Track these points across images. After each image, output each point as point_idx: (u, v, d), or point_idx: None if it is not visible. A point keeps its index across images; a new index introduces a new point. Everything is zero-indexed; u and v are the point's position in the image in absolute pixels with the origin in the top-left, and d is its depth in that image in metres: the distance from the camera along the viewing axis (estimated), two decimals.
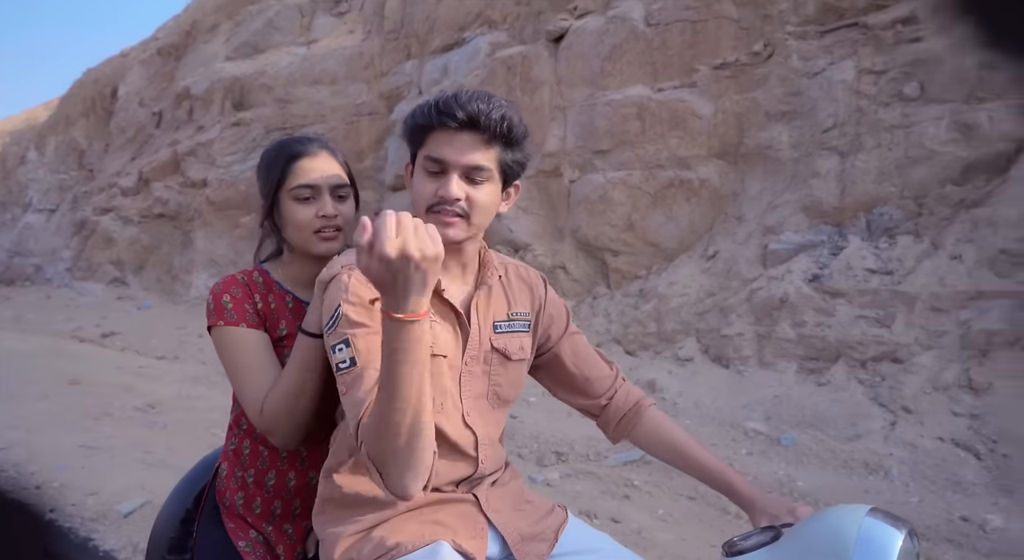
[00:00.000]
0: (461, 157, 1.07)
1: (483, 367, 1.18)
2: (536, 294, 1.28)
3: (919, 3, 5.18)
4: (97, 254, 13.38)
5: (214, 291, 1.28)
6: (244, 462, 1.28)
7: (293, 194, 1.28)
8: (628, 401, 1.31)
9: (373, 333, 0.99)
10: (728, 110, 5.92)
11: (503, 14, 7.88)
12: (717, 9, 6.05)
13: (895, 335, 4.14)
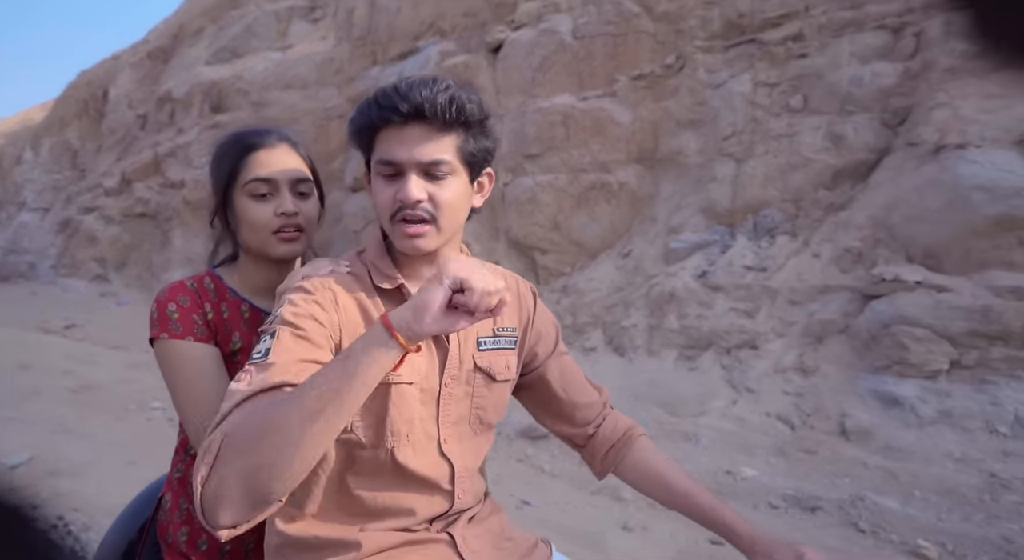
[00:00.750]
0: (414, 153, 0.95)
1: (465, 388, 1.06)
2: (524, 307, 1.17)
3: (807, 22, 5.67)
4: (81, 252, 13.97)
5: (159, 299, 1.13)
6: (190, 491, 1.11)
7: (248, 189, 1.14)
8: (616, 431, 1.20)
9: (304, 338, 0.90)
10: (644, 118, 6.43)
11: (452, 24, 8.41)
12: (636, 24, 6.55)
13: (756, 325, 4.63)
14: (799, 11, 5.76)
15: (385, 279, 1.03)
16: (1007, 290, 3.65)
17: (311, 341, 0.91)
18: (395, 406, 0.98)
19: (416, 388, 1.00)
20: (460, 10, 8.37)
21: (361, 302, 1.00)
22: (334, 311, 0.96)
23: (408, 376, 0.99)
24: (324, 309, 0.95)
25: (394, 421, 0.98)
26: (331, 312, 0.96)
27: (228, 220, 1.20)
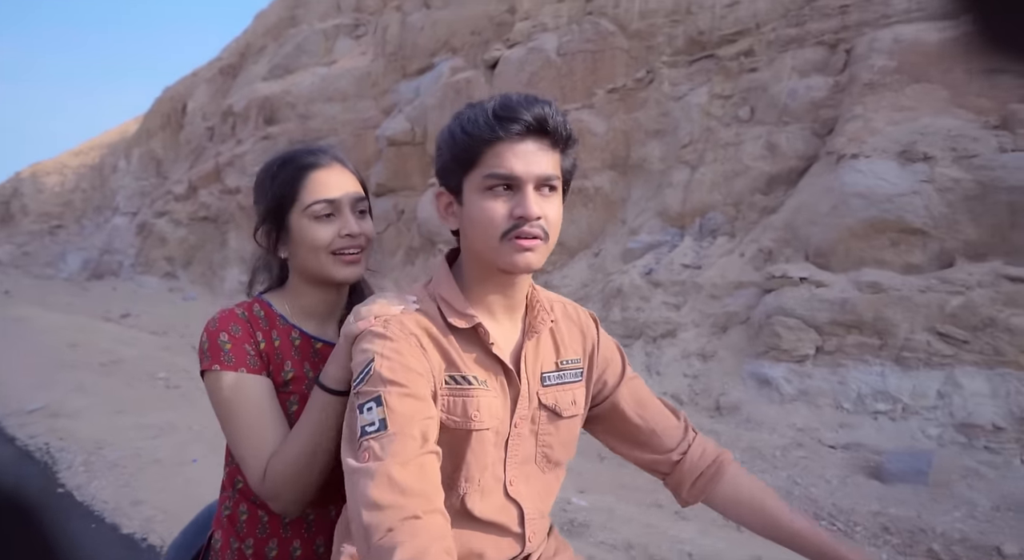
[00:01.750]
0: (531, 167, 0.93)
1: (530, 427, 1.03)
2: (588, 336, 1.12)
3: (758, 38, 6.15)
4: (154, 251, 15.54)
5: (208, 328, 1.11)
6: (240, 531, 1.13)
7: (310, 212, 1.11)
8: (705, 457, 1.14)
9: (410, 396, 0.88)
10: (618, 128, 7.02)
11: (462, 42, 9.21)
12: (612, 41, 7.16)
13: (680, 317, 5.18)
14: (751, 28, 6.24)
15: (459, 317, 0.98)
16: (866, 285, 4.10)
17: (418, 397, 0.88)
18: (473, 453, 0.96)
19: (492, 432, 0.98)
20: (468, 29, 9.15)
21: (440, 344, 0.96)
22: (423, 357, 0.93)
23: (488, 421, 0.96)
24: (415, 357, 0.92)
25: (470, 468, 0.96)
26: (422, 358, 0.93)
27: (276, 243, 1.15)
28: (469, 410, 0.95)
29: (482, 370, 0.98)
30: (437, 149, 1.00)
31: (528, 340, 1.03)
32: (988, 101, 4.66)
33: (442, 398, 0.94)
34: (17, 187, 25.82)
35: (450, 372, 0.96)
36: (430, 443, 0.86)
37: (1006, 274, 3.86)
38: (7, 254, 22.90)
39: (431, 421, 0.88)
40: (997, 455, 3.37)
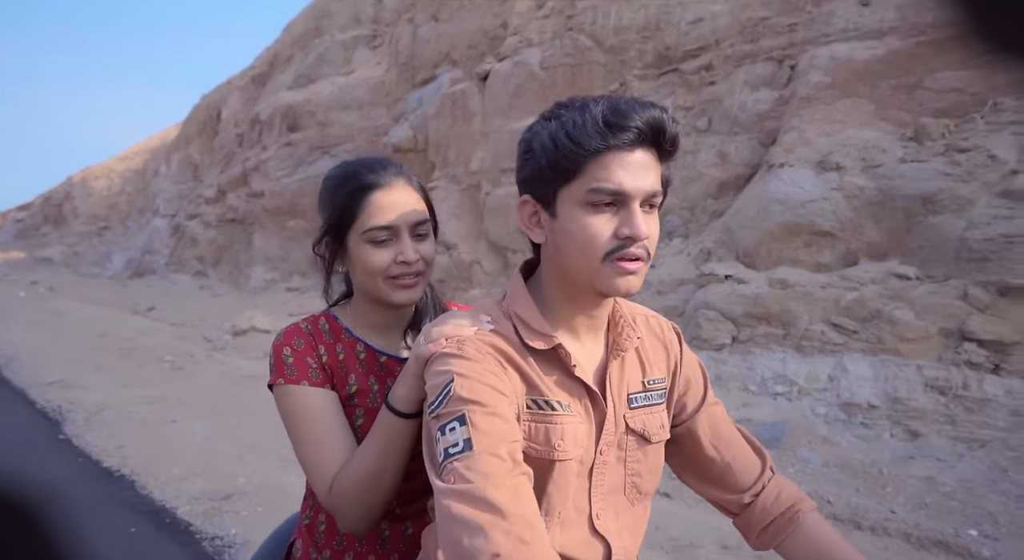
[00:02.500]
0: (641, 183, 0.84)
1: (617, 453, 0.94)
2: (671, 353, 1.04)
3: (716, 53, 6.63)
4: (186, 251, 16.51)
5: (275, 344, 1.11)
6: (319, 541, 1.14)
7: (367, 237, 1.08)
8: (781, 502, 1.04)
9: (495, 415, 0.80)
10: None
11: (461, 55, 9.82)
12: (589, 55, 7.69)
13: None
14: (712, 44, 6.72)
15: (538, 338, 0.91)
16: (776, 281, 4.57)
17: (503, 417, 0.81)
18: (555, 484, 0.89)
19: (576, 462, 0.90)
20: (466, 43, 9.77)
21: (519, 366, 0.90)
22: (505, 376, 0.87)
23: (572, 450, 0.89)
24: (497, 375, 0.86)
25: (551, 500, 0.89)
26: (503, 377, 0.87)
27: (334, 259, 1.13)
28: (552, 438, 0.88)
29: (565, 393, 0.91)
30: (527, 153, 0.92)
31: (613, 359, 0.95)
32: (907, 114, 5.10)
33: (524, 424, 0.87)
34: (69, 191, 27.42)
35: (532, 396, 0.89)
36: (520, 465, 0.79)
37: (896, 272, 4.31)
38: (59, 254, 24.31)
39: (517, 444, 0.82)
40: (870, 429, 3.83)
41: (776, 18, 6.33)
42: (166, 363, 5.68)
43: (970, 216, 4.22)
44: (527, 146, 0.93)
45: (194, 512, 2.78)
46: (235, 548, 2.46)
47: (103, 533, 2.52)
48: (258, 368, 5.54)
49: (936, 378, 3.94)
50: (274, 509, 2.70)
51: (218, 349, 6.46)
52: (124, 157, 28.34)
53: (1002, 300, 3.99)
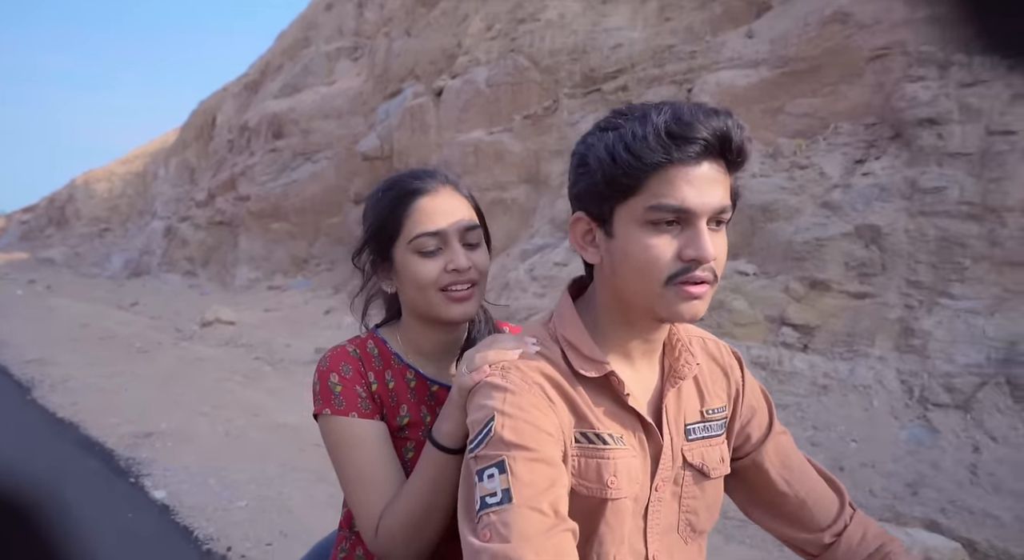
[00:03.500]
0: (708, 199, 0.78)
1: (672, 489, 0.89)
2: (732, 379, 0.98)
3: (631, 76, 7.49)
4: (177, 252, 17.47)
5: (320, 368, 1.05)
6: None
7: (414, 246, 1.03)
8: (868, 542, 0.95)
9: (539, 460, 0.76)
10: (530, 149, 8.44)
11: (423, 70, 10.73)
12: (528, 75, 8.58)
13: (541, 303, 6.57)
14: (628, 67, 7.59)
15: (589, 365, 0.85)
16: None
17: (548, 462, 0.76)
18: (608, 525, 0.83)
19: (630, 500, 0.85)
20: (428, 59, 10.67)
21: (566, 393, 0.84)
22: (551, 411, 0.81)
23: (626, 488, 0.84)
24: (542, 412, 0.80)
25: (604, 543, 0.84)
26: (550, 413, 0.81)
27: (380, 276, 1.09)
28: (604, 475, 0.83)
29: (617, 425, 0.85)
30: (581, 167, 0.85)
31: (670, 388, 0.89)
32: (771, 135, 5.96)
33: (572, 459, 0.82)
34: (72, 193, 28.43)
35: (581, 428, 0.83)
36: (564, 518, 0.74)
37: (739, 269, 5.15)
38: (61, 255, 25.29)
39: (564, 491, 0.76)
40: None
41: (680, 46, 7.20)
42: (135, 348, 6.57)
43: (797, 223, 5.07)
44: (581, 159, 0.85)
45: (119, 444, 3.70)
46: (142, 465, 3.35)
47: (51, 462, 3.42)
48: (212, 352, 6.46)
49: (760, 356, 4.79)
50: (181, 444, 3.62)
51: (186, 338, 7.36)
52: (125, 160, 29.34)
53: (812, 292, 4.83)
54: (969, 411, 4.02)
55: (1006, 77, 4.58)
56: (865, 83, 5.54)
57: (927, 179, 4.65)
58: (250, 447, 3.68)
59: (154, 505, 2.98)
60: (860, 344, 4.57)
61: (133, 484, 3.21)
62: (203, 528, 2.70)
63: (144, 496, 3.08)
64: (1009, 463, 3.68)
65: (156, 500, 3.02)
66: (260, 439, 3.81)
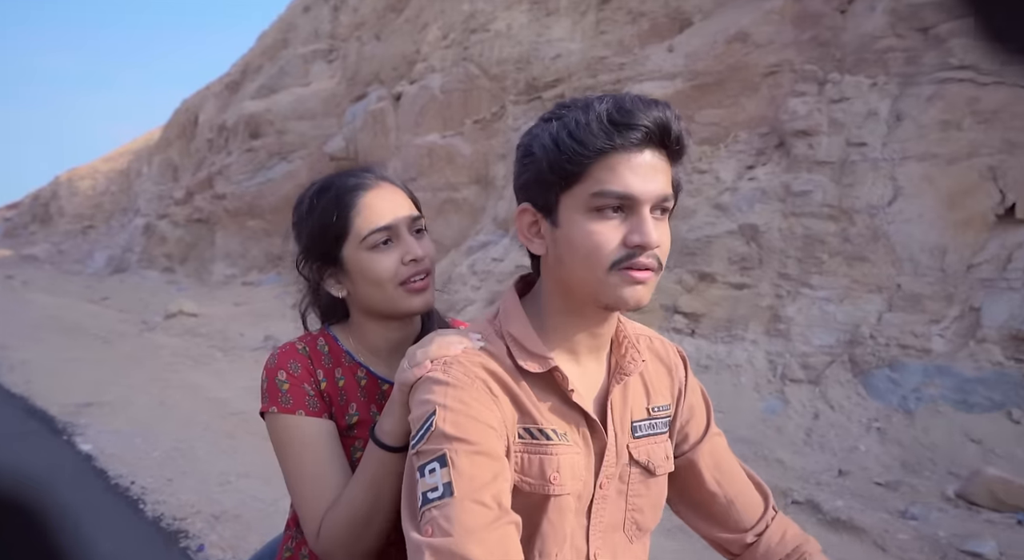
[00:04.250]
0: (651, 186, 0.80)
1: (618, 486, 0.91)
2: (676, 378, 1.01)
3: (569, 85, 8.09)
4: (155, 249, 18.00)
5: (268, 366, 1.06)
6: None
7: (367, 243, 1.03)
8: (785, 543, 0.99)
9: (480, 453, 0.77)
10: (479, 152, 9.04)
11: (387, 76, 11.32)
12: (478, 82, 9.18)
13: (477, 295, 7.17)
14: (565, 77, 8.21)
15: (532, 360, 0.86)
16: None
17: (490, 455, 0.78)
18: (550, 522, 0.85)
19: (573, 497, 0.86)
20: (391, 65, 11.27)
21: (509, 388, 0.85)
22: (494, 405, 0.83)
23: (569, 484, 0.85)
24: (485, 406, 0.81)
25: (546, 540, 0.85)
26: (492, 407, 0.82)
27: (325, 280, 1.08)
28: (547, 471, 0.83)
29: (561, 421, 0.86)
30: (526, 157, 0.86)
31: (616, 384, 0.90)
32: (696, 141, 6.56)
33: (516, 455, 0.83)
34: (56, 190, 28.76)
35: (524, 424, 0.84)
36: (507, 510, 0.76)
37: None
38: (44, 252, 25.64)
39: (507, 485, 0.78)
40: None
41: (612, 58, 7.81)
42: (98, 338, 7.14)
43: (691, 222, 5.68)
44: (526, 150, 0.86)
45: (61, 412, 4.32)
46: (78, 427, 3.95)
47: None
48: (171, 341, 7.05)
49: None
50: (117, 412, 4.22)
51: (149, 329, 7.92)
52: (109, 158, 29.67)
53: (701, 283, 5.45)
54: (818, 385, 4.66)
55: (865, 95, 5.21)
56: (761, 97, 6.17)
57: (798, 184, 5.28)
58: (179, 414, 4.29)
59: (79, 455, 3.61)
60: (737, 329, 5.19)
61: (65, 441, 3.84)
62: (116, 470, 3.31)
63: (71, 448, 3.71)
64: (838, 427, 4.31)
65: (81, 451, 3.66)
66: (190, 408, 4.42)
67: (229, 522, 2.80)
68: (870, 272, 4.81)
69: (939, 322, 4.49)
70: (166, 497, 3.07)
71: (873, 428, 4.26)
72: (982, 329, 4.30)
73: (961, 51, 4.81)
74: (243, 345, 6.64)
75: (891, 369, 4.48)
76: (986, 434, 3.90)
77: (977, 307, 4.38)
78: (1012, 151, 4.51)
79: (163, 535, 2.69)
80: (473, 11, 9.52)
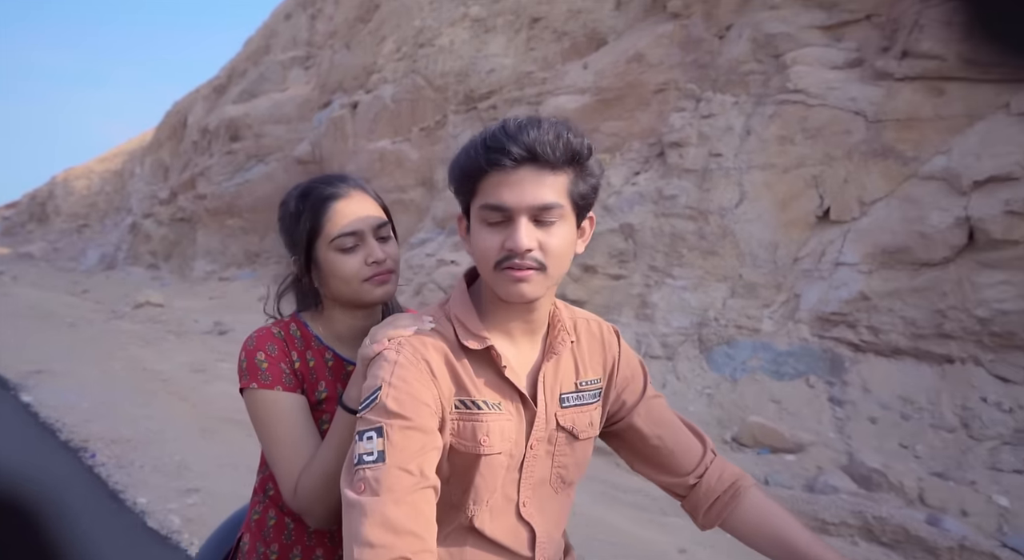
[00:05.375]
0: (525, 198, 0.92)
1: (547, 447, 1.06)
2: (609, 354, 1.14)
3: (500, 97, 8.86)
4: (141, 247, 18.76)
5: (247, 347, 1.19)
6: (267, 536, 1.23)
7: (335, 245, 1.18)
8: (723, 480, 1.15)
9: (413, 428, 0.91)
10: (425, 156, 9.81)
11: (349, 84, 12.09)
12: (424, 93, 9.96)
13: (405, 288, 7.92)
14: (497, 89, 8.98)
15: (473, 339, 1.00)
16: None
17: (422, 430, 0.91)
18: (482, 476, 0.99)
19: (504, 455, 1.00)
20: (352, 74, 12.03)
21: (451, 366, 0.99)
22: (432, 383, 0.96)
23: (498, 445, 0.99)
24: (424, 385, 0.95)
25: (478, 491, 1.00)
26: (430, 386, 0.96)
27: (310, 273, 1.22)
28: (478, 435, 0.97)
29: (495, 393, 1.00)
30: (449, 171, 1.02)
31: (546, 361, 1.05)
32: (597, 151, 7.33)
33: (452, 422, 0.97)
34: (52, 190, 29.38)
35: (460, 396, 0.98)
36: (428, 477, 0.89)
37: None
38: (40, 249, 26.27)
39: (434, 453, 0.91)
40: None
41: (537, 73, 8.58)
42: (67, 324, 7.89)
43: (622, 220, 6.42)
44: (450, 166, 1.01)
45: (14, 375, 5.11)
46: (25, 387, 4.73)
47: None
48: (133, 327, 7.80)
49: None
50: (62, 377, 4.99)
51: (117, 317, 8.67)
52: (104, 158, 30.27)
53: (585, 274, 6.22)
54: (671, 360, 5.42)
55: (728, 112, 5.97)
56: (652, 111, 6.94)
57: (669, 188, 6.05)
58: (116, 381, 5.06)
59: (20, 404, 4.44)
60: (613, 314, 5.95)
61: (12, 396, 4.68)
62: (47, 414, 4.14)
63: (16, 400, 4.56)
64: (679, 394, 5.08)
65: (23, 401, 4.49)
66: (126, 376, 5.18)
67: (121, 444, 3.68)
68: (719, 264, 5.58)
69: (769, 306, 5.26)
70: (79, 429, 3.96)
71: (705, 394, 5.03)
72: (799, 311, 5.07)
73: (796, 76, 5.58)
74: (195, 330, 7.40)
75: (728, 346, 5.25)
76: (785, 396, 4.67)
77: (798, 294, 5.15)
78: (830, 163, 5.28)
79: (68, 450, 3.53)
80: (423, 27, 10.31)
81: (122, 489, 3.20)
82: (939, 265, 4.58)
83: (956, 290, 4.47)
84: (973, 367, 4.35)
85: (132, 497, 3.12)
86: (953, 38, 4.84)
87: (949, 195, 4.65)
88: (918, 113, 5.01)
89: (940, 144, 4.88)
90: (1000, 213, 4.36)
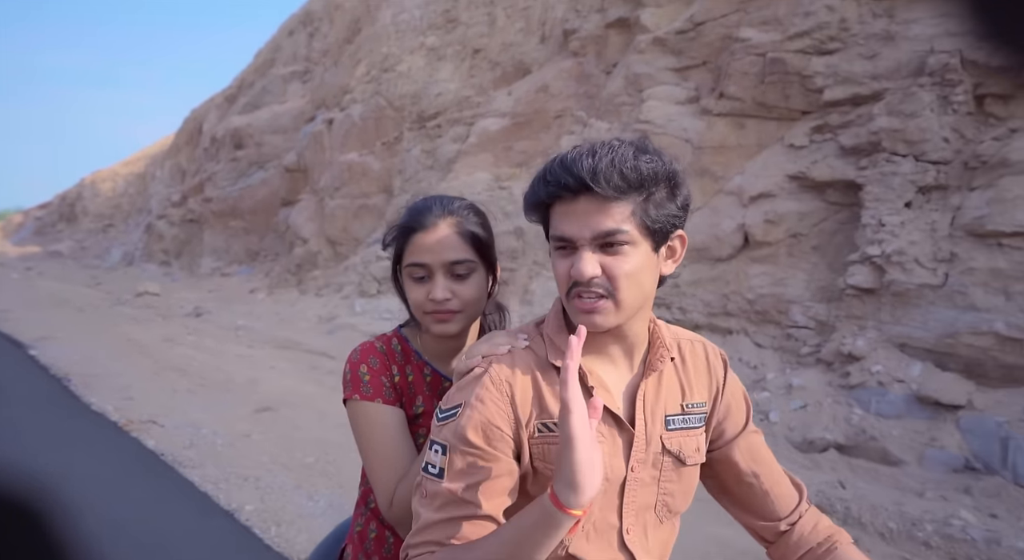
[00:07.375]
0: (585, 228, 0.92)
1: (652, 473, 1.03)
2: (714, 378, 1.11)
3: (445, 117, 10.29)
4: (154, 245, 20.43)
5: (351, 359, 1.23)
6: (368, 548, 1.26)
7: (408, 272, 1.22)
8: (817, 532, 1.10)
9: (478, 456, 0.93)
10: (386, 168, 11.28)
11: (331, 101, 13.58)
12: (386, 112, 11.42)
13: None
14: (442, 111, 10.42)
15: (559, 357, 1.00)
16: None
17: (488, 458, 0.93)
18: None
19: None
20: (332, 93, 13.53)
21: (538, 387, 0.99)
22: (511, 408, 0.96)
23: None
24: (500, 409, 0.96)
25: None
26: (508, 411, 0.96)
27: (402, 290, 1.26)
28: None
29: None
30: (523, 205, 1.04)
31: (646, 378, 1.02)
32: (505, 166, 8.74)
33: (535, 446, 0.96)
34: (81, 191, 31.10)
35: (543, 419, 0.97)
36: (482, 506, 0.91)
37: None
38: (68, 248, 27.98)
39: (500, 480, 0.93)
40: None
41: (474, 97, 10.00)
42: (76, 308, 9.45)
43: (516, 224, 7.79)
44: None
45: (27, 339, 6.69)
46: (35, 346, 6.27)
47: None
48: (130, 311, 9.33)
49: None
50: (64, 342, 6.52)
51: (120, 304, 10.21)
52: (128, 162, 32.01)
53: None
54: None
55: (604, 136, 7.33)
56: (551, 133, 8.33)
57: None
58: (102, 344, 6.60)
59: (28, 356, 5.97)
60: (504, 301, 7.33)
61: (23, 351, 6.30)
62: (46, 361, 5.74)
63: (26, 353, 6.15)
64: None
65: (30, 354, 6.02)
66: (114, 343, 6.70)
67: (91, 377, 5.30)
68: None
69: None
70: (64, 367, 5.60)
71: None
72: None
73: (647, 109, 6.92)
74: (178, 313, 8.90)
75: None
76: None
77: None
78: None
79: (55, 379, 5.12)
80: (388, 53, 11.77)
81: (84, 398, 4.83)
82: (725, 260, 5.92)
83: (735, 279, 5.81)
84: (743, 337, 5.69)
85: (88, 401, 4.73)
86: (749, 85, 6.17)
87: (736, 207, 5.98)
88: (726, 142, 6.35)
89: (739, 167, 6.21)
90: (762, 221, 5.69)
